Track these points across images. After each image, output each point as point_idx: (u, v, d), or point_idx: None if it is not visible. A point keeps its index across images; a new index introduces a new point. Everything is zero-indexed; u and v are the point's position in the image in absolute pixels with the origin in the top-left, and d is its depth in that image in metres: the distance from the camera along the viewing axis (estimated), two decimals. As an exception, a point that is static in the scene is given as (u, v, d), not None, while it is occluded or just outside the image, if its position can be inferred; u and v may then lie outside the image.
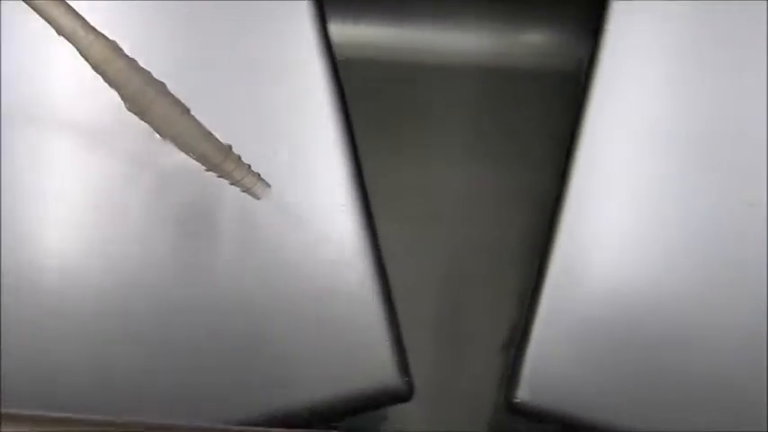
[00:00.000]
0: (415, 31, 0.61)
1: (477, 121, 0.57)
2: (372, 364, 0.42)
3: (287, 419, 0.41)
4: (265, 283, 0.42)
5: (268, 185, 0.39)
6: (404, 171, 0.55)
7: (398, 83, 0.58)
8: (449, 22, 0.60)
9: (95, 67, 0.31)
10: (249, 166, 0.37)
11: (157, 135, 0.33)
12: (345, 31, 0.62)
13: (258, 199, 0.39)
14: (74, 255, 0.42)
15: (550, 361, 0.43)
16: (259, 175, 0.38)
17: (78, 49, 0.30)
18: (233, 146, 0.37)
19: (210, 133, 0.35)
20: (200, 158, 0.35)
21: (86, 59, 0.31)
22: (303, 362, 0.42)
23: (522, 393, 0.42)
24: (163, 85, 0.33)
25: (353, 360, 0.42)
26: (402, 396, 0.42)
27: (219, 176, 0.37)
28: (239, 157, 0.37)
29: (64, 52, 0.31)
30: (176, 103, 0.33)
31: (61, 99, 0.44)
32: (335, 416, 0.42)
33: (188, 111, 0.34)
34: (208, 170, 0.36)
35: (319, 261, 0.43)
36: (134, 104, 0.32)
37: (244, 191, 0.38)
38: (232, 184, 0.37)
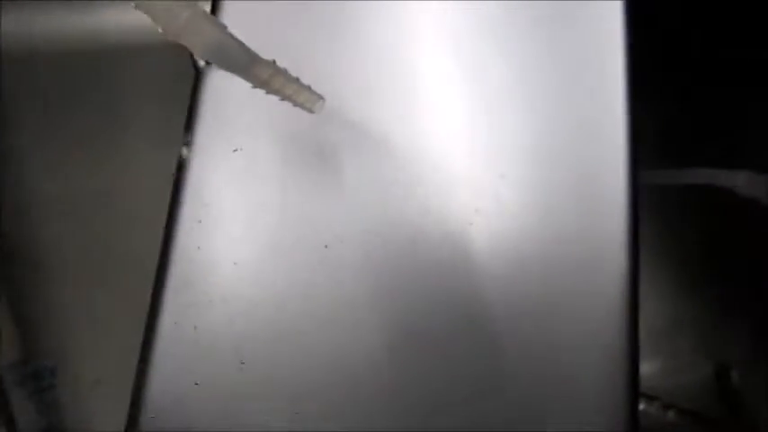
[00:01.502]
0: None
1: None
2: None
3: None
4: None
5: (321, 98, 0.35)
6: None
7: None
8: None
9: None
10: (298, 79, 0.34)
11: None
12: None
13: (312, 113, 0.36)
14: None
15: (175, 383, 0.41)
16: (310, 87, 0.35)
17: None
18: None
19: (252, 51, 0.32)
20: (249, 77, 0.32)
21: None
22: None
23: (146, 424, 0.40)
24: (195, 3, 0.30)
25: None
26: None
27: (268, 93, 0.34)
28: (286, 71, 0.34)
29: None
30: (214, 21, 0.30)
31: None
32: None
33: (226, 28, 0.31)
34: (255, 87, 0.33)
35: None
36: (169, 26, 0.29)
37: (295, 106, 0.35)
38: (282, 99, 0.34)
